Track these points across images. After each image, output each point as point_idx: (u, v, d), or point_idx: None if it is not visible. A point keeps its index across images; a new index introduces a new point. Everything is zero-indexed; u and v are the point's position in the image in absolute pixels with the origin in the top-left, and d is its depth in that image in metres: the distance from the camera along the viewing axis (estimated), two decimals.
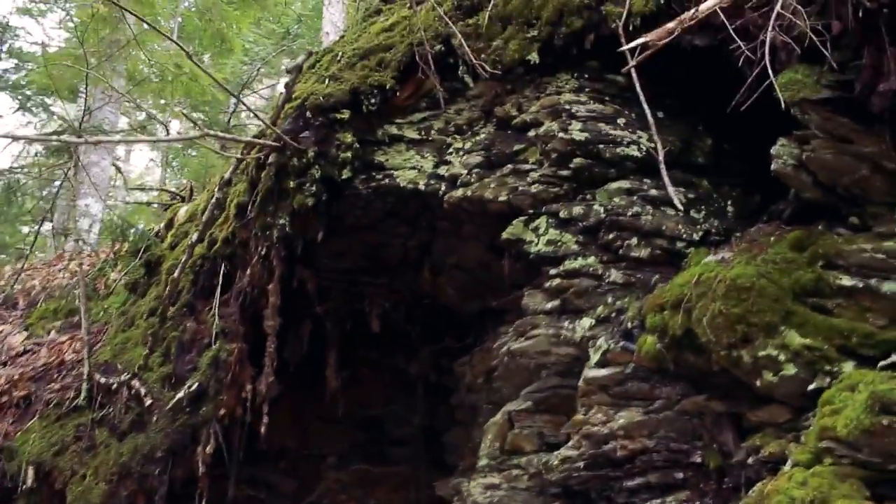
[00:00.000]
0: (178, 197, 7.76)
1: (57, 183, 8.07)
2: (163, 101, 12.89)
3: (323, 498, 6.41)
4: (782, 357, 3.53)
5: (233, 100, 12.04)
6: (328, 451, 6.48)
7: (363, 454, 6.45)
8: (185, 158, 14.47)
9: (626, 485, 4.08)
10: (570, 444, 4.23)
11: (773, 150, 3.94)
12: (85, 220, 10.54)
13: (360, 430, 6.48)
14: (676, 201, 4.21)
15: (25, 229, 13.85)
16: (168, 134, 13.31)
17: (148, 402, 5.34)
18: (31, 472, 5.44)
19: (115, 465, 5.22)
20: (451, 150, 4.98)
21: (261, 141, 5.18)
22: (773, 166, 3.94)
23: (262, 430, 5.21)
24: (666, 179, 4.25)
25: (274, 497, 6.42)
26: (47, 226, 12.62)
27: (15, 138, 7.12)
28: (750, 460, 3.69)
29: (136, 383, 5.44)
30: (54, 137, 6.63)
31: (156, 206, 9.88)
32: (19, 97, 14.65)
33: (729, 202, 4.54)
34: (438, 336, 5.91)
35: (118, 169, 13.30)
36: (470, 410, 5.45)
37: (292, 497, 6.43)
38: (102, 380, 5.61)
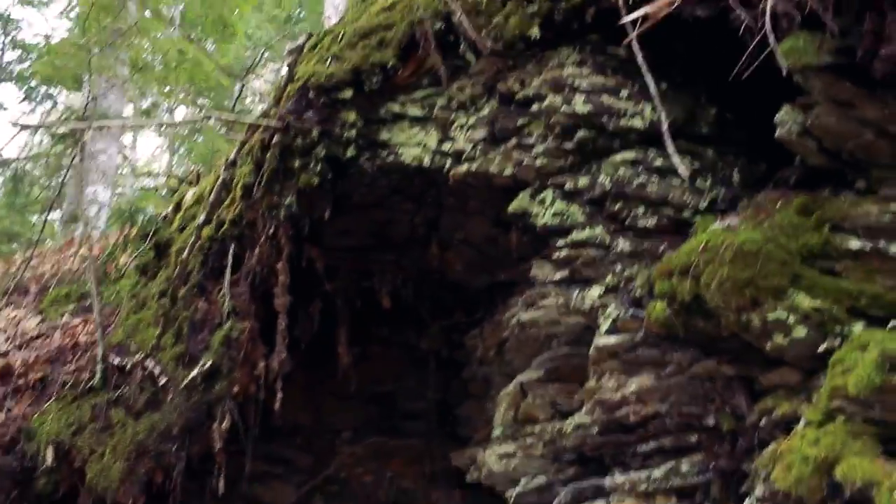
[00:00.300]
0: (185, 182, 7.79)
1: (64, 171, 8.13)
2: (167, 89, 12.93)
3: (339, 471, 6.47)
4: (792, 319, 3.56)
5: (237, 85, 12.12)
6: (342, 426, 6.53)
7: (377, 429, 6.51)
8: (192, 144, 14.51)
9: (640, 449, 4.14)
10: (583, 411, 4.29)
11: (777, 118, 3.96)
12: (93, 208, 10.61)
13: (373, 405, 6.53)
14: (682, 169, 4.24)
15: (35, 218, 13.93)
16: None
17: (162, 381, 5.39)
18: (50, 451, 5.50)
19: (132, 444, 5.28)
20: (454, 126, 5.00)
21: (264, 122, 5.23)
22: (777, 133, 3.96)
23: (277, 406, 5.26)
24: (671, 148, 4.28)
25: (291, 472, 6.49)
26: (56, 214, 12.72)
27: (23, 127, 7.18)
28: (762, 422, 3.74)
29: (149, 363, 5.50)
30: (61, 123, 6.69)
31: (164, 191, 9.94)
32: (24, 88, 14.71)
33: (734, 171, 4.55)
34: (448, 311, 5.95)
35: (125, 157, 13.35)
36: (483, 383, 5.51)
37: (309, 471, 6.49)
38: (116, 360, 5.66)
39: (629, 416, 4.10)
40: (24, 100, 14.49)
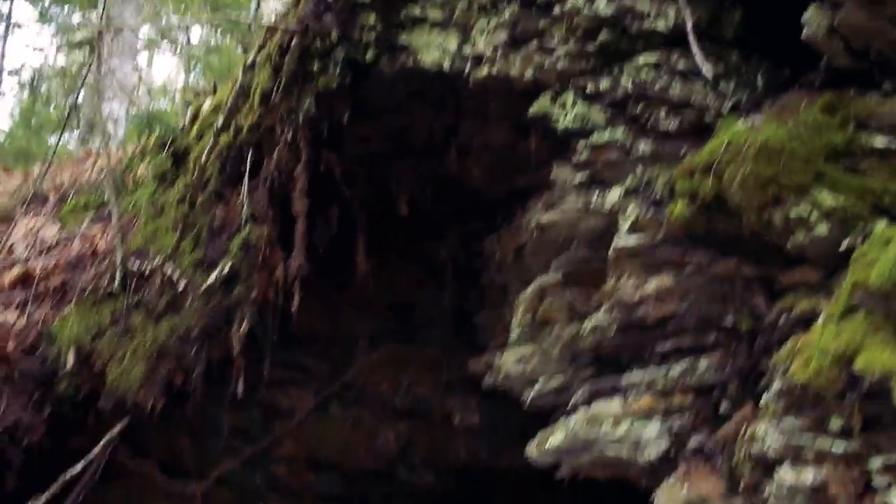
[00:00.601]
0: (202, 94, 7.74)
1: (81, 80, 8.10)
2: (183, 6, 12.81)
3: (356, 379, 6.53)
4: (814, 217, 3.53)
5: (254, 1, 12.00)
6: (360, 334, 6.57)
7: (394, 337, 6.54)
8: (208, 59, 14.41)
9: (658, 349, 4.15)
10: (600, 312, 4.29)
11: (804, 18, 3.88)
12: (109, 124, 10.59)
13: (390, 314, 6.56)
14: (706, 69, 4.16)
15: (51, 139, 13.95)
16: (189, 40, 13.28)
17: (181, 286, 5.43)
18: (70, 355, 5.57)
19: (152, 346, 5.34)
20: (475, 29, 4.90)
21: (283, 24, 5.18)
22: (804, 33, 3.88)
23: (294, 310, 5.30)
24: (695, 47, 4.20)
25: (308, 379, 6.56)
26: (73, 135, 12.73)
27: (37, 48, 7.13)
28: (781, 320, 3.74)
29: (168, 268, 5.53)
30: (79, 28, 6.66)
31: (181, 106, 9.90)
32: (38, 6, 14.63)
33: (759, 75, 4.46)
34: (466, 220, 5.93)
35: (141, 77, 13.30)
36: (500, 291, 5.51)
37: (326, 378, 6.56)
38: (135, 266, 5.69)
39: (647, 317, 4.10)
40: (38, 20, 14.43)
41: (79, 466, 5.72)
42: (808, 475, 3.42)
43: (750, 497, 3.78)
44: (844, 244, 3.50)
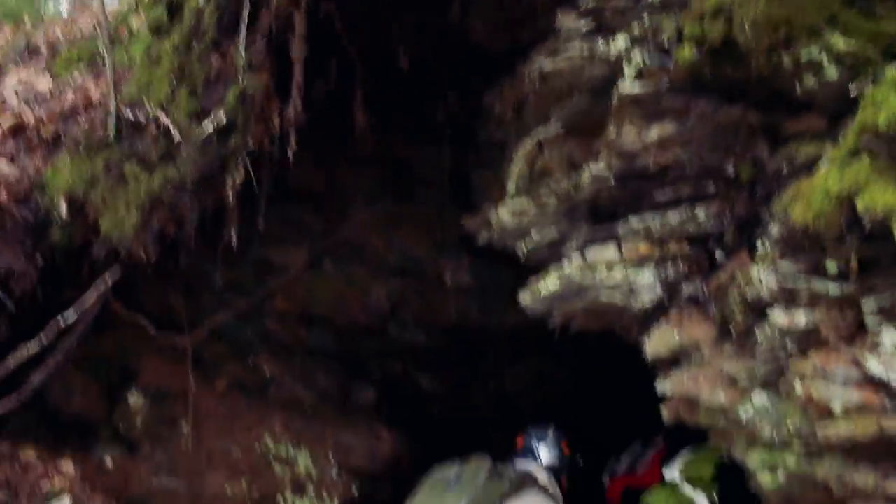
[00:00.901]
0: None
1: None
2: None
3: (350, 235, 6.52)
4: (825, 60, 3.45)
5: None
6: (355, 191, 6.55)
7: (390, 195, 6.52)
8: None
9: (657, 198, 4.11)
10: (600, 161, 4.23)
11: None
12: None
13: (387, 171, 6.51)
14: None
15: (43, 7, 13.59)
16: None
17: (176, 135, 5.33)
18: (64, 205, 5.50)
19: (146, 196, 5.26)
20: None
21: None
22: None
23: (290, 156, 5.23)
24: None
25: (302, 235, 6.54)
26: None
27: None
28: (784, 169, 3.69)
29: (163, 118, 5.42)
30: None
31: None
32: None
33: None
34: (466, 78, 5.80)
35: None
36: (498, 150, 5.42)
37: (320, 235, 6.55)
38: (130, 116, 5.58)
39: (648, 165, 4.04)
40: None
41: (71, 315, 5.72)
42: (801, 317, 3.43)
43: (741, 341, 3.79)
44: (854, 89, 3.43)
